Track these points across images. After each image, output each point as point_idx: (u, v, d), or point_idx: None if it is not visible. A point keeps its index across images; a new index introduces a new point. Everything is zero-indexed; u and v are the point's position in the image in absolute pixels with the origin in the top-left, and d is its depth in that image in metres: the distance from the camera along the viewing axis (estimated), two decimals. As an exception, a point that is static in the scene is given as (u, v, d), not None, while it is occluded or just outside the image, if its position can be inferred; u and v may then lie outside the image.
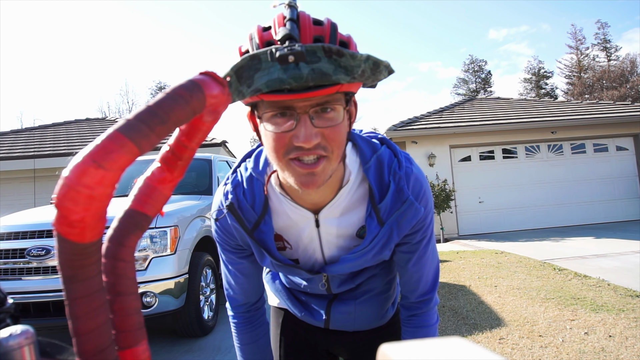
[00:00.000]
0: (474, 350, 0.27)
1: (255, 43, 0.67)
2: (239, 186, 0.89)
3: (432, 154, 9.73)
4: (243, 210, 0.87)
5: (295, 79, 0.59)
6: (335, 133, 0.70)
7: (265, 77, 0.59)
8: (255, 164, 0.90)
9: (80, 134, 10.97)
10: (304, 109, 0.67)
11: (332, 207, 0.86)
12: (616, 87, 30.31)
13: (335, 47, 0.60)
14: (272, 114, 0.69)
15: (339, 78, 0.61)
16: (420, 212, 0.85)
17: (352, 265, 0.91)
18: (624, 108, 10.76)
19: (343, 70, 0.61)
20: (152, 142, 0.32)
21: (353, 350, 1.16)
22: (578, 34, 37.54)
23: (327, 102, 0.68)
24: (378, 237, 0.86)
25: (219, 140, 9.46)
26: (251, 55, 0.59)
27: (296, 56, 0.58)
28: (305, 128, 0.67)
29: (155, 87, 38.86)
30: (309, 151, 0.69)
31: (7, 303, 0.50)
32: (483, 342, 3.10)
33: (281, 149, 0.70)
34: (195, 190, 4.39)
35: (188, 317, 3.47)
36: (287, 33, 0.61)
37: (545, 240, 7.90)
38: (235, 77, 0.59)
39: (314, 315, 1.09)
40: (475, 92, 37.98)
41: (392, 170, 0.85)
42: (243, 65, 0.59)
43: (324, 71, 0.60)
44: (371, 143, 0.89)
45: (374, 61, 0.62)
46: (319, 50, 0.59)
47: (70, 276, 0.32)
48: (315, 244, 0.92)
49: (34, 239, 3.19)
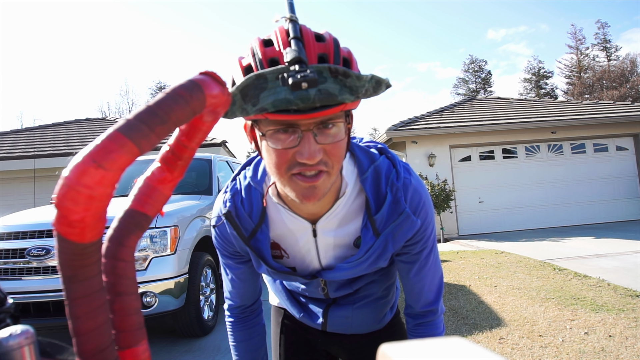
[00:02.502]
0: (474, 350, 0.27)
1: (258, 59, 0.66)
2: (237, 194, 0.90)
3: (432, 154, 9.73)
4: (240, 219, 0.88)
5: (302, 100, 0.59)
6: (337, 149, 0.71)
7: (272, 97, 0.59)
8: (254, 173, 0.90)
9: (80, 134, 10.97)
10: (308, 126, 0.67)
11: (329, 218, 0.86)
12: (616, 87, 30.31)
13: (341, 69, 0.60)
14: (275, 129, 0.69)
15: (344, 98, 0.61)
16: (416, 224, 0.85)
17: (347, 273, 0.91)
18: (624, 108, 10.75)
19: (348, 90, 0.61)
20: (152, 142, 0.32)
21: (351, 351, 1.17)
22: (578, 34, 37.61)
23: (330, 119, 0.68)
24: (373, 247, 0.86)
25: (219, 140, 9.46)
26: (257, 74, 0.59)
27: (309, 83, 0.57)
28: (309, 145, 0.67)
29: (155, 87, 38.86)
30: (312, 167, 0.69)
31: (7, 303, 0.50)
32: (483, 342, 3.10)
33: (284, 164, 0.70)
34: (195, 190, 4.38)
35: (188, 317, 3.47)
36: (297, 56, 0.60)
37: (545, 240, 7.90)
38: (240, 96, 0.59)
39: (312, 318, 1.10)
40: (475, 92, 37.98)
41: (390, 181, 0.85)
42: (248, 84, 0.59)
43: (330, 92, 0.60)
44: (369, 153, 0.89)
45: (377, 80, 0.63)
46: (325, 71, 0.59)
47: (70, 276, 0.32)
48: (313, 253, 0.92)
49: (34, 239, 3.19)
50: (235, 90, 0.59)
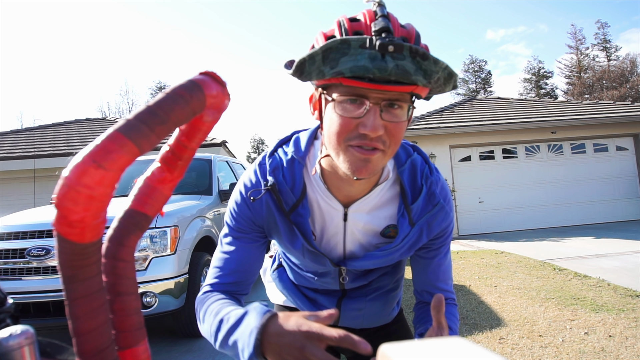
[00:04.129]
0: (474, 350, 0.27)
1: (344, 29, 0.69)
2: (278, 169, 0.89)
3: (432, 154, 9.73)
4: (282, 193, 0.87)
5: (380, 70, 0.62)
6: (398, 129, 0.72)
7: (351, 63, 0.63)
8: (297, 147, 0.90)
9: (80, 134, 10.97)
10: (377, 100, 0.69)
11: (363, 203, 0.88)
12: (616, 87, 30.30)
13: (421, 50, 0.63)
14: (344, 98, 0.70)
15: (417, 79, 0.64)
16: (449, 216, 0.90)
17: (376, 262, 0.93)
18: (624, 108, 10.75)
19: (422, 73, 0.64)
20: (152, 142, 0.32)
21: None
22: (578, 34, 37.56)
23: (398, 99, 0.70)
24: (409, 236, 0.88)
25: (219, 140, 9.45)
26: (342, 39, 0.63)
27: (396, 47, 0.62)
28: (374, 117, 0.69)
29: (155, 87, 38.83)
30: (371, 141, 0.71)
31: (7, 303, 0.50)
32: (483, 342, 3.10)
33: (344, 133, 0.72)
34: (195, 190, 4.38)
35: (188, 317, 3.47)
36: (385, 25, 0.64)
37: (545, 240, 7.90)
38: (322, 57, 0.63)
39: None
40: (475, 92, 37.97)
41: (425, 174, 0.90)
42: (332, 47, 0.63)
43: (406, 69, 0.63)
44: (406, 147, 0.94)
45: (449, 72, 0.66)
46: (406, 49, 0.62)
47: (70, 276, 0.32)
48: (339, 237, 0.93)
49: (34, 239, 3.19)
50: (318, 49, 0.63)
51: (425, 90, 0.71)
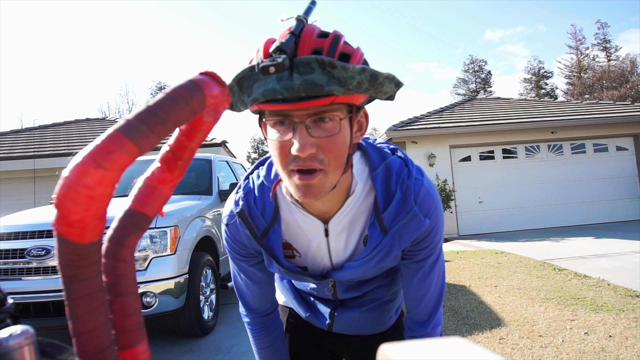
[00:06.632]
0: (474, 350, 0.27)
1: (259, 55, 0.68)
2: (250, 193, 0.90)
3: (432, 154, 9.73)
4: (253, 217, 0.88)
5: (287, 89, 0.62)
6: (332, 144, 0.70)
7: (262, 87, 0.63)
8: (268, 172, 0.90)
9: (80, 134, 10.97)
10: (301, 118, 0.68)
11: (340, 217, 0.86)
12: (616, 87, 30.30)
13: (327, 59, 0.61)
14: (273, 121, 0.71)
15: (332, 89, 0.63)
16: (424, 224, 0.83)
17: (355, 272, 0.90)
18: (624, 108, 10.75)
19: (336, 81, 0.63)
20: (152, 142, 0.32)
21: (356, 352, 1.17)
22: (578, 34, 37.55)
23: (324, 112, 0.68)
24: (380, 246, 0.85)
25: (219, 140, 9.45)
26: (250, 66, 0.64)
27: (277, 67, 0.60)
28: (300, 137, 0.68)
29: (155, 87, 38.85)
30: (305, 163, 0.69)
31: (7, 303, 0.50)
32: (483, 342, 3.10)
33: (283, 158, 0.71)
34: (195, 190, 4.38)
35: (188, 317, 3.47)
36: (279, 45, 0.63)
37: (545, 240, 7.90)
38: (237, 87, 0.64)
39: (318, 318, 1.10)
40: (475, 92, 37.97)
41: (401, 179, 0.84)
42: (244, 75, 0.63)
43: (316, 82, 0.62)
44: (381, 151, 0.89)
45: (371, 73, 0.64)
46: (312, 62, 0.62)
47: (70, 276, 0.32)
48: (324, 252, 0.92)
49: (34, 239, 3.19)
50: (232, 82, 0.63)
51: (357, 97, 0.70)
